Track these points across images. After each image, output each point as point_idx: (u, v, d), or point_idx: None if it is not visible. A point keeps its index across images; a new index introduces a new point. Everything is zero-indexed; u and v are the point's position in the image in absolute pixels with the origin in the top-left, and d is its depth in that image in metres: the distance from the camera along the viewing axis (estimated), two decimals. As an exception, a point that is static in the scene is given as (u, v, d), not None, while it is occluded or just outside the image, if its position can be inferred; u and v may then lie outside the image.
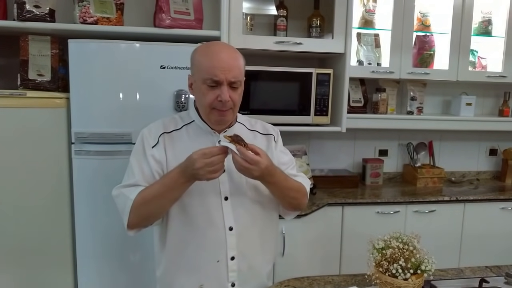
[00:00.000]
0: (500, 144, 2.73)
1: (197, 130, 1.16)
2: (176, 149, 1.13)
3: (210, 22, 2.04)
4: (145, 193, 1.07)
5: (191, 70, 1.14)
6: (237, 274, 1.14)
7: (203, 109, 1.11)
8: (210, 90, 1.07)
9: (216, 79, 1.05)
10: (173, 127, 1.16)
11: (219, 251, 1.13)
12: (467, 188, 2.45)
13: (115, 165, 1.73)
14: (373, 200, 2.13)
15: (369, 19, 2.29)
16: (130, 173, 1.14)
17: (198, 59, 1.10)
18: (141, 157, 1.13)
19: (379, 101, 2.35)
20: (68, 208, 1.79)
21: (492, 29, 2.43)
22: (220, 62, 1.06)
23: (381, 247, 1.09)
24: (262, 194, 1.16)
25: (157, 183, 1.08)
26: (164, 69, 1.71)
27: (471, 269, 1.32)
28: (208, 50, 1.10)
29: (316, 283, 1.20)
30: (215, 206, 1.12)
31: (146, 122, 1.72)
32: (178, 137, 1.15)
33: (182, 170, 1.04)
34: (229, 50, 1.11)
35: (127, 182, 1.13)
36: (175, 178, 1.05)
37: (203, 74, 1.07)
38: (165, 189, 1.06)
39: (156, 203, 1.08)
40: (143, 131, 1.17)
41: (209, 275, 1.13)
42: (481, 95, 2.62)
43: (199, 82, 1.08)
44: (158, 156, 1.11)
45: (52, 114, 1.74)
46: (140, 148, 1.14)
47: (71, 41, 1.66)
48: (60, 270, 1.82)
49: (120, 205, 1.12)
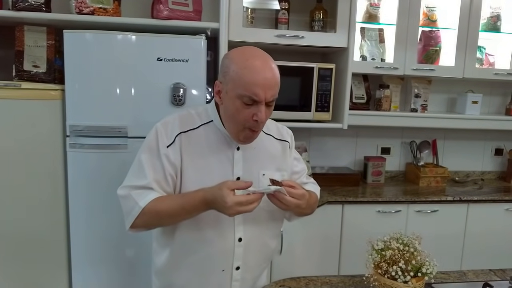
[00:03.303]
0: (506, 144, 2.67)
1: (215, 133, 1.07)
2: (192, 153, 1.04)
3: (209, 13, 2.00)
4: (159, 207, 1.00)
5: (222, 76, 1.01)
6: (239, 283, 1.12)
7: (233, 125, 1.01)
8: (246, 108, 0.97)
9: (256, 99, 0.96)
10: (190, 126, 1.06)
11: (225, 261, 1.09)
12: (471, 188, 2.39)
13: (110, 158, 1.71)
14: (374, 199, 2.08)
15: (374, 13, 2.23)
16: (140, 172, 1.03)
17: (236, 70, 0.96)
18: (153, 156, 1.03)
19: (383, 97, 2.30)
20: (62, 202, 1.76)
21: (501, 25, 2.37)
22: (262, 80, 0.95)
23: (381, 248, 1.05)
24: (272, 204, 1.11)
25: (174, 202, 1.00)
26: (161, 62, 1.67)
27: (474, 272, 1.27)
28: (249, 63, 0.96)
29: (313, 283, 1.17)
30: (227, 218, 1.02)
31: (142, 116, 1.71)
32: (195, 139, 1.05)
33: (207, 201, 0.96)
34: (270, 64, 0.98)
35: (136, 182, 1.03)
36: (197, 205, 0.98)
37: (240, 90, 0.96)
38: (183, 212, 1.00)
39: (168, 220, 1.04)
40: (158, 127, 1.05)
41: (212, 283, 1.11)
42: (487, 93, 2.56)
43: (233, 95, 0.97)
44: (173, 158, 1.02)
45: (47, 106, 1.71)
46: (153, 146, 1.03)
47: (67, 31, 1.63)
48: (54, 266, 1.80)
49: (126, 208, 1.04)
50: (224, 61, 1.02)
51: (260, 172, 1.08)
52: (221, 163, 1.06)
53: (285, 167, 1.16)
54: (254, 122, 0.99)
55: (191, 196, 0.99)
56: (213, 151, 1.04)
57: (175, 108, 1.71)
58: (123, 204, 1.05)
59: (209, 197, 0.96)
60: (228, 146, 1.07)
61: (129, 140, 1.70)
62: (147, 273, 1.82)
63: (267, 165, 1.10)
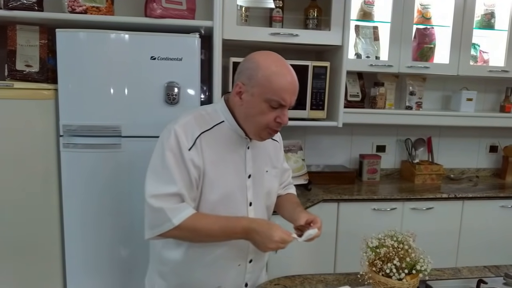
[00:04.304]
0: (501, 140, 2.68)
1: (227, 133, 1.08)
2: (211, 154, 1.05)
3: (203, 12, 1.99)
4: (198, 226, 1.02)
5: (246, 79, 1.03)
6: (250, 275, 1.17)
7: (255, 125, 1.05)
8: (271, 111, 1.02)
9: (283, 103, 1.01)
10: (206, 126, 1.06)
11: (242, 256, 1.13)
12: (466, 185, 2.40)
13: (104, 158, 1.69)
14: (370, 196, 2.08)
15: (368, 11, 2.23)
16: (168, 177, 1.01)
17: (266, 76, 1.00)
18: (178, 160, 1.01)
19: (377, 95, 2.30)
20: (56, 202, 1.75)
21: (495, 22, 2.37)
22: (290, 85, 1.01)
23: (375, 245, 1.05)
24: (271, 200, 1.21)
25: (215, 224, 1.02)
26: (155, 60, 1.66)
27: (469, 269, 1.27)
28: (278, 69, 1.01)
29: (308, 281, 1.17)
30: (243, 212, 1.10)
31: (136, 115, 1.70)
32: (211, 139, 1.06)
33: (250, 230, 1.01)
34: (293, 71, 1.04)
35: (166, 190, 1.00)
36: (237, 231, 1.02)
37: (269, 94, 1.00)
38: (221, 234, 1.03)
39: (204, 238, 1.05)
40: (176, 129, 1.03)
41: (229, 277, 1.14)
42: (482, 90, 2.57)
43: (259, 99, 1.01)
44: (196, 161, 1.02)
45: (40, 106, 1.69)
46: (176, 149, 1.01)
47: (59, 30, 1.62)
48: (48, 268, 1.79)
49: (155, 220, 1.02)
50: (248, 65, 1.04)
51: (263, 169, 1.15)
52: (235, 162, 1.09)
53: (278, 165, 1.23)
54: (277, 124, 1.04)
55: (234, 221, 1.04)
56: (228, 151, 1.07)
57: (169, 107, 1.70)
58: (152, 215, 1.02)
59: (254, 227, 1.01)
60: (240, 145, 1.10)
61: (123, 140, 1.69)
62: (143, 270, 1.81)
63: (268, 163, 1.17)
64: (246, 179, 1.11)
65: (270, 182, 1.17)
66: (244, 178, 1.10)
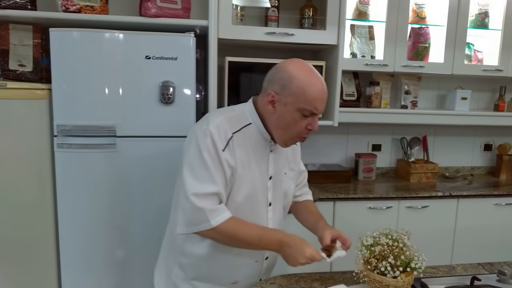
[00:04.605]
0: (495, 139, 2.70)
1: (254, 136, 1.12)
2: (240, 154, 1.08)
3: (198, 11, 1.99)
4: (238, 232, 1.05)
5: (279, 88, 1.05)
6: (265, 271, 1.23)
7: (286, 133, 1.09)
8: (303, 119, 1.07)
9: (316, 112, 1.07)
10: (236, 127, 1.09)
11: (259, 252, 1.17)
12: (461, 183, 2.42)
13: (99, 158, 1.69)
14: (365, 195, 2.09)
15: (363, 11, 2.23)
16: (210, 177, 1.03)
17: (301, 86, 1.04)
18: (216, 161, 1.04)
19: (373, 94, 2.31)
20: (51, 203, 1.74)
21: (489, 21, 2.39)
22: (321, 95, 1.06)
23: (370, 243, 1.05)
24: (287, 200, 1.26)
25: (254, 233, 1.07)
26: (150, 60, 1.66)
27: (463, 266, 1.28)
28: (311, 80, 1.05)
29: (303, 280, 1.17)
30: (263, 212, 1.16)
31: (131, 115, 1.69)
32: (241, 140, 1.09)
33: (283, 243, 1.05)
34: (322, 78, 1.09)
35: (209, 189, 1.03)
36: (272, 243, 1.07)
37: (303, 104, 1.04)
38: (258, 243, 1.08)
39: (240, 244, 1.09)
40: (210, 130, 1.05)
41: (246, 273, 1.19)
42: (476, 89, 2.59)
43: (294, 108, 1.05)
44: (230, 161, 1.06)
45: (34, 106, 1.68)
46: (213, 150, 1.04)
47: (53, 30, 1.60)
48: (43, 268, 1.78)
49: (193, 219, 1.04)
50: (281, 75, 1.06)
51: (282, 171, 1.20)
52: (259, 164, 1.13)
53: (295, 167, 1.27)
54: (308, 131, 1.10)
55: (270, 233, 1.10)
56: (254, 152, 1.11)
57: (165, 107, 1.70)
58: (192, 213, 1.04)
59: (288, 241, 1.05)
60: (265, 148, 1.15)
61: (118, 140, 1.68)
62: (137, 273, 1.81)
63: (285, 165, 1.22)
64: (268, 181, 1.16)
65: (287, 184, 1.22)
66: (266, 179, 1.15)
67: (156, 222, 1.78)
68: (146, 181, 1.74)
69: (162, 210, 1.78)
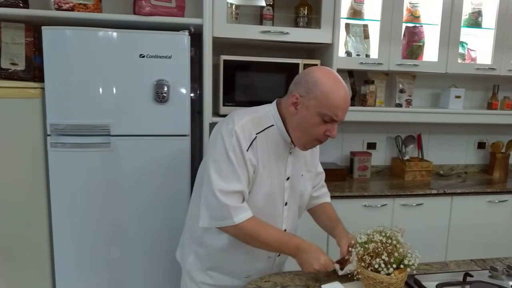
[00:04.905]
0: (489, 137, 2.72)
1: (275, 137, 1.15)
2: (262, 154, 1.12)
3: (193, 9, 1.98)
4: (260, 233, 1.10)
5: (304, 92, 1.09)
6: (277, 267, 1.28)
7: (305, 135, 1.12)
8: (323, 124, 1.10)
9: (336, 119, 1.09)
10: (259, 128, 1.13)
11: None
12: (455, 181, 2.43)
13: (93, 157, 1.68)
14: (360, 193, 2.10)
15: (358, 9, 2.24)
16: (235, 175, 1.07)
17: (325, 92, 1.07)
18: (241, 160, 1.08)
19: (368, 93, 2.32)
20: (44, 202, 1.73)
21: (482, 20, 2.40)
22: (343, 104, 1.09)
23: (364, 241, 1.05)
24: (303, 201, 1.29)
25: (274, 235, 1.11)
26: (144, 58, 1.65)
27: (456, 263, 1.29)
28: (336, 87, 1.08)
29: (298, 278, 1.17)
30: (278, 211, 1.20)
31: (125, 113, 1.68)
32: (263, 141, 1.13)
33: (300, 248, 1.11)
34: (346, 88, 1.11)
35: (235, 187, 1.07)
36: (290, 247, 1.12)
37: (325, 109, 1.07)
38: (277, 245, 1.12)
39: (259, 244, 1.12)
40: (236, 130, 1.09)
41: (258, 268, 1.23)
42: (470, 87, 2.60)
43: (315, 112, 1.08)
44: (253, 161, 1.10)
45: (27, 105, 1.67)
46: (238, 150, 1.08)
47: (45, 28, 1.59)
48: (37, 267, 1.76)
49: (217, 214, 1.08)
50: (307, 78, 1.10)
51: (300, 173, 1.24)
52: (278, 164, 1.17)
53: (313, 169, 1.31)
54: (326, 137, 1.12)
55: (289, 237, 1.14)
56: (274, 153, 1.15)
57: (159, 106, 1.69)
58: (216, 209, 1.08)
59: (305, 247, 1.11)
60: (284, 150, 1.18)
61: (112, 139, 1.67)
62: (131, 272, 1.80)
63: (303, 167, 1.25)
64: (285, 181, 1.20)
65: (303, 185, 1.26)
66: (283, 180, 1.19)
67: (150, 221, 1.78)
68: (140, 180, 1.73)
69: (156, 209, 1.78)
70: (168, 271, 1.82)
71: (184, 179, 1.78)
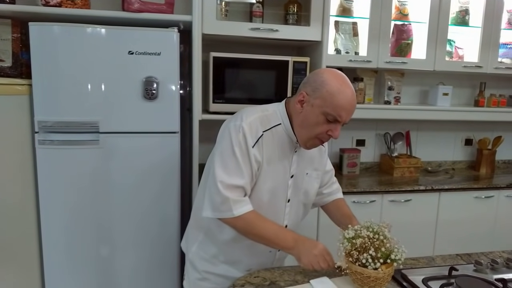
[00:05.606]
0: (476, 134, 2.77)
1: (281, 135, 1.18)
2: (267, 152, 1.14)
3: (182, 6, 1.97)
4: (258, 225, 1.12)
5: (311, 90, 1.11)
6: (277, 261, 1.31)
7: (307, 133, 1.14)
8: (325, 123, 1.11)
9: (339, 120, 1.10)
10: (267, 126, 1.15)
11: None
12: (443, 177, 2.47)
13: (82, 155, 1.67)
14: (350, 189, 2.12)
15: (347, 7, 2.25)
16: (239, 170, 1.10)
17: (331, 92, 1.09)
18: (245, 157, 1.11)
19: (357, 90, 2.33)
20: (33, 201, 1.71)
21: (469, 19, 2.44)
22: (348, 105, 1.10)
23: (351, 236, 1.07)
24: (308, 198, 1.31)
25: (271, 229, 1.13)
26: (133, 55, 1.64)
27: (442, 257, 1.32)
28: (343, 89, 1.10)
29: (287, 273, 1.18)
30: (281, 207, 1.23)
31: (114, 110, 1.67)
32: (269, 139, 1.15)
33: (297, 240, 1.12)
34: (354, 93, 1.13)
35: (237, 181, 1.10)
36: (287, 240, 1.13)
37: (329, 109, 1.09)
38: (274, 239, 1.13)
39: (255, 237, 1.14)
40: (243, 127, 1.11)
41: (259, 261, 1.25)
42: (457, 85, 2.64)
43: (319, 110, 1.10)
44: (258, 157, 1.13)
45: (14, 102, 1.65)
46: (244, 146, 1.11)
47: (32, 24, 1.57)
48: (25, 266, 1.75)
49: (218, 206, 1.11)
50: (316, 78, 1.12)
51: (304, 171, 1.25)
52: (283, 162, 1.19)
53: (320, 167, 1.32)
54: (328, 137, 1.14)
55: (287, 231, 1.17)
56: (280, 152, 1.17)
57: (148, 103, 1.68)
58: (218, 200, 1.10)
59: (302, 238, 1.13)
60: (290, 149, 1.20)
61: (101, 136, 1.66)
62: (121, 271, 1.80)
63: (309, 166, 1.27)
64: (289, 179, 1.22)
65: (308, 184, 1.28)
66: (287, 178, 1.21)
67: (140, 218, 1.78)
68: (130, 177, 1.72)
69: (146, 206, 1.78)
70: (158, 268, 1.82)
71: (174, 176, 1.77)
